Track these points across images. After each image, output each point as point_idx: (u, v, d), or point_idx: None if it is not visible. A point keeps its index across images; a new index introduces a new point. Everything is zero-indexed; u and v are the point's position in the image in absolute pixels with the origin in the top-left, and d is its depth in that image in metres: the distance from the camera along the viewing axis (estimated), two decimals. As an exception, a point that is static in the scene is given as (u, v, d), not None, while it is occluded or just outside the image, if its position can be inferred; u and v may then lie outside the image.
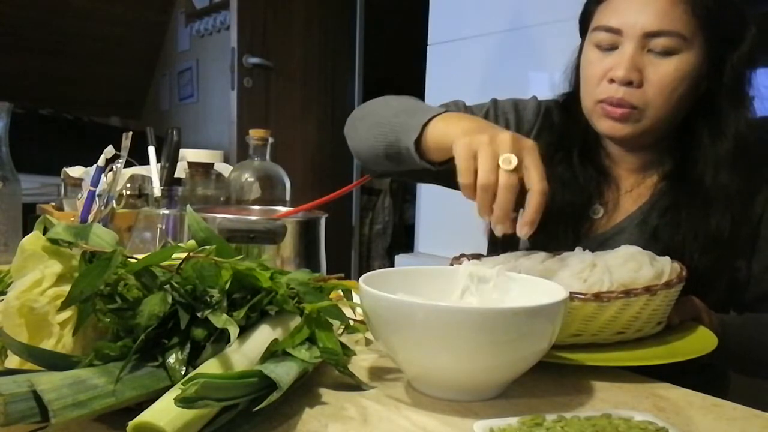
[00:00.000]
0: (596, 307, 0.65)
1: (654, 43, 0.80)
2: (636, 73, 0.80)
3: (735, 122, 0.83)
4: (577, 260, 0.70)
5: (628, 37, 0.80)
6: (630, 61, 0.80)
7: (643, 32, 0.79)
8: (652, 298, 0.67)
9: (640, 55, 0.80)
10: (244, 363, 0.49)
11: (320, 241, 0.94)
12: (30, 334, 0.48)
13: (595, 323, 0.66)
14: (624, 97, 0.81)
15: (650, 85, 0.81)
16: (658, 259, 0.71)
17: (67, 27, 3.82)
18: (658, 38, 0.79)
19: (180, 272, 0.53)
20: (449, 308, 0.53)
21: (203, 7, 3.71)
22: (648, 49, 0.80)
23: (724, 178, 0.83)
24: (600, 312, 0.65)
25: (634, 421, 0.48)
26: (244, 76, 2.91)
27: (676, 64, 0.80)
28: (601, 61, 0.83)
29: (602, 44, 0.83)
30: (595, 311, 0.65)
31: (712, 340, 0.71)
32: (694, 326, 0.76)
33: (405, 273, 0.66)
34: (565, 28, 0.98)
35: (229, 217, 0.88)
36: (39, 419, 0.40)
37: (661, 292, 0.67)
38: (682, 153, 0.88)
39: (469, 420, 0.50)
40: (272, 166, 1.13)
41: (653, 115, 0.82)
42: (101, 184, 1.07)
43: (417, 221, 2.29)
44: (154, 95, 4.42)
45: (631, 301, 0.66)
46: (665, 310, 0.71)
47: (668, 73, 0.80)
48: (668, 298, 0.70)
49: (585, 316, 0.65)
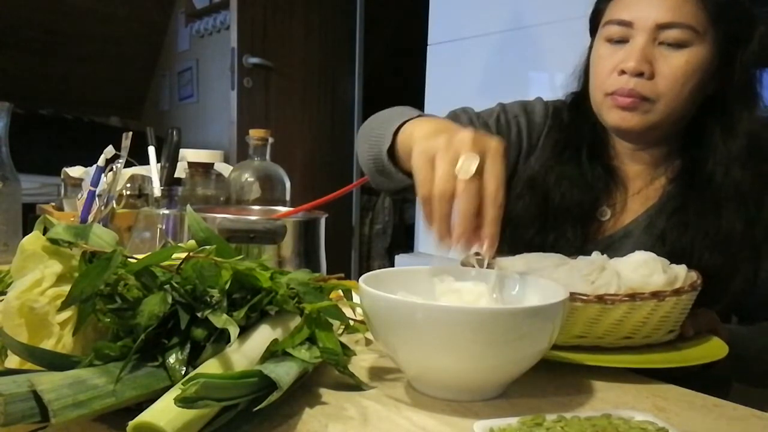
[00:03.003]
0: (600, 309, 0.64)
1: (665, 35, 0.80)
2: (647, 65, 0.80)
3: (747, 121, 0.83)
4: (586, 263, 0.70)
5: (640, 30, 0.81)
6: (641, 53, 0.80)
7: (654, 24, 0.80)
8: (661, 305, 0.65)
9: (652, 48, 0.81)
10: (244, 363, 0.49)
11: (320, 241, 0.94)
12: (30, 334, 0.48)
13: (600, 326, 0.66)
14: (635, 87, 0.81)
15: (661, 77, 0.81)
16: (674, 267, 0.70)
17: (67, 27, 3.83)
18: (669, 30, 0.80)
19: (180, 272, 0.53)
20: (449, 308, 0.53)
21: (203, 7, 3.71)
22: (659, 42, 0.81)
23: (737, 175, 0.82)
24: (604, 314, 0.65)
25: (634, 421, 0.48)
26: (244, 76, 2.91)
27: (687, 57, 0.80)
28: (611, 55, 0.84)
29: (613, 38, 0.84)
30: (598, 313, 0.65)
31: (722, 349, 0.70)
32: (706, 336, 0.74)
33: (405, 273, 0.66)
34: (565, 28, 0.99)
35: (229, 217, 0.88)
36: (39, 419, 0.40)
37: (671, 299, 0.65)
38: (691, 153, 0.87)
39: (469, 420, 0.50)
40: (272, 166, 1.13)
41: (662, 109, 0.82)
42: (101, 184, 1.07)
43: (417, 221, 2.29)
44: (154, 95, 4.42)
45: (637, 306, 0.65)
46: (677, 319, 0.69)
47: (679, 65, 0.80)
48: (679, 306, 0.67)
49: (589, 318, 0.65)
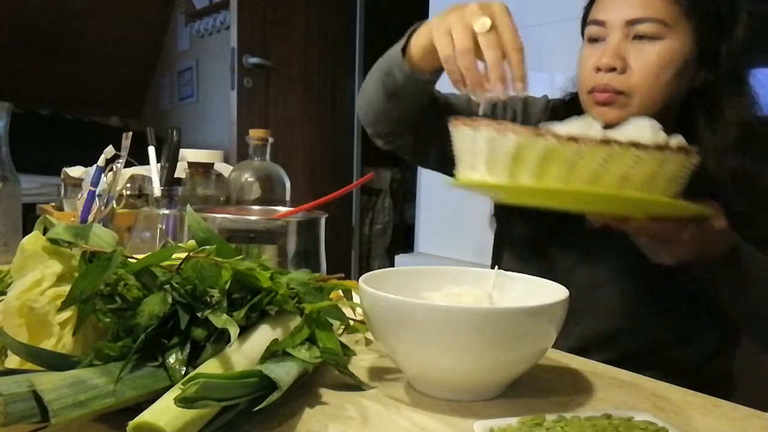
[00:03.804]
0: (574, 152, 0.59)
1: (637, 30, 0.82)
2: (619, 60, 0.82)
3: (738, 110, 0.84)
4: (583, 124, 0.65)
5: (612, 27, 0.84)
6: (613, 49, 0.83)
7: (625, 20, 0.83)
8: (642, 158, 0.59)
9: (625, 43, 0.83)
10: (244, 363, 0.49)
11: (320, 241, 0.94)
12: (30, 334, 0.48)
13: (576, 174, 0.60)
14: (609, 82, 0.83)
15: (634, 71, 0.82)
16: (672, 136, 0.63)
17: (67, 27, 3.82)
18: (640, 25, 0.82)
19: (180, 272, 0.53)
20: (449, 308, 0.53)
21: (203, 7, 3.71)
22: (633, 37, 0.83)
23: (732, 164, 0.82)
24: (578, 159, 0.59)
25: (634, 421, 0.48)
26: (244, 76, 2.91)
27: (659, 49, 0.82)
28: (591, 55, 0.86)
29: (592, 37, 0.87)
30: (573, 156, 0.59)
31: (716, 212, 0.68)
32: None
33: (405, 273, 0.66)
34: (565, 28, 0.99)
35: (229, 217, 0.88)
36: (39, 419, 0.40)
37: (653, 153, 0.59)
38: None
39: (469, 420, 0.50)
40: (272, 166, 1.13)
41: (638, 102, 0.83)
42: (101, 184, 1.07)
43: (417, 221, 2.29)
44: (154, 95, 4.41)
45: (614, 154, 0.58)
46: (666, 185, 0.62)
47: (651, 58, 0.82)
48: (665, 168, 0.61)
49: (563, 160, 0.59)
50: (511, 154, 0.61)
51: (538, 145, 0.60)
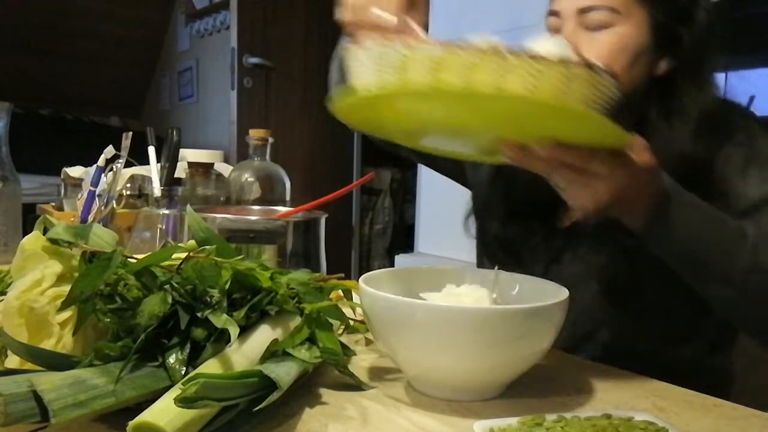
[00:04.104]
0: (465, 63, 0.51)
1: (588, 19, 0.82)
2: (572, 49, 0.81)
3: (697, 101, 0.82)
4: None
5: (566, 17, 0.83)
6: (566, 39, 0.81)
7: (576, 9, 0.82)
8: (542, 72, 0.50)
9: (577, 33, 0.82)
10: (244, 363, 0.49)
11: (320, 241, 0.94)
12: (30, 334, 0.48)
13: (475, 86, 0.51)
14: None
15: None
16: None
17: (67, 27, 3.83)
18: (590, 13, 0.81)
19: (180, 272, 0.53)
20: (449, 308, 0.53)
21: (203, 7, 3.71)
22: (585, 27, 0.82)
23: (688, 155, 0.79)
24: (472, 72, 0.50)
25: (634, 421, 0.48)
26: (244, 76, 2.91)
27: (609, 37, 0.81)
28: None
29: (551, 28, 0.86)
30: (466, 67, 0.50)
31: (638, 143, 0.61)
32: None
33: (405, 273, 0.66)
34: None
35: (229, 217, 0.88)
36: (39, 419, 0.40)
37: (555, 66, 0.51)
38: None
39: (469, 420, 0.50)
40: (272, 166, 1.13)
41: None
42: (101, 184, 1.07)
43: (417, 221, 2.29)
44: (154, 95, 4.42)
45: (510, 67, 0.50)
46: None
47: (602, 46, 0.81)
48: (573, 87, 0.52)
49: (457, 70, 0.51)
50: (400, 65, 0.52)
51: (428, 52, 0.51)
